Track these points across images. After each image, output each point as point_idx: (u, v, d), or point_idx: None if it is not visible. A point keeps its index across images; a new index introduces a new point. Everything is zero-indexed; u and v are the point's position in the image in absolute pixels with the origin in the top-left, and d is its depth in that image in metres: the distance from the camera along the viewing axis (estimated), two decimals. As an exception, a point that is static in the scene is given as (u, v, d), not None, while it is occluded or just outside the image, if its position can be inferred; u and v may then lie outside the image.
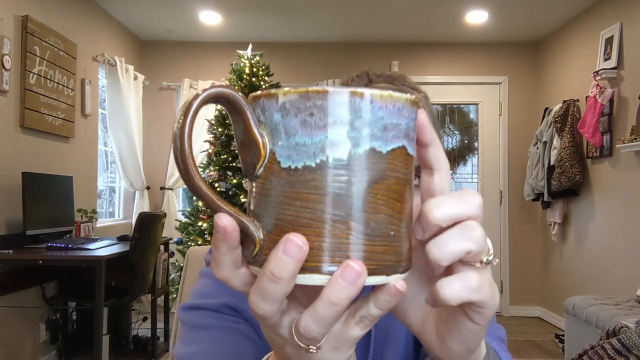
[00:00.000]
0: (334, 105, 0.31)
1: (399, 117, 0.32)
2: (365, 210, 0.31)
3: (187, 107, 0.32)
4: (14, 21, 3.35)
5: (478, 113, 5.50)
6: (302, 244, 0.30)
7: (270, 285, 0.31)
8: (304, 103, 0.31)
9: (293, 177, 0.31)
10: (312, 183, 0.31)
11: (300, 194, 0.31)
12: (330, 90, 0.31)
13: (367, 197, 0.31)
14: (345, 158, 0.31)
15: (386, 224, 0.32)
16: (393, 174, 0.32)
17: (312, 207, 0.31)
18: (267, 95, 0.32)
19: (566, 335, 3.63)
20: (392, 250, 0.32)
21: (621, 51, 3.96)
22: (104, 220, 4.87)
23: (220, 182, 4.02)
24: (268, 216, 0.32)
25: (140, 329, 4.01)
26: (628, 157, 3.82)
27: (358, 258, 0.31)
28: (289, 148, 0.31)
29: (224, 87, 0.33)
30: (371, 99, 0.31)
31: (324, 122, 0.31)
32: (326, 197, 0.31)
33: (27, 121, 3.44)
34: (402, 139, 0.32)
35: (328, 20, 4.91)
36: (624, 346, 2.18)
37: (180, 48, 5.43)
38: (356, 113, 0.31)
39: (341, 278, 0.30)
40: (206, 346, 0.65)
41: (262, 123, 0.33)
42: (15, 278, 3.27)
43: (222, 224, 0.31)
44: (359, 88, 0.31)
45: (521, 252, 5.39)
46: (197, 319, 0.69)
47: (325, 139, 0.31)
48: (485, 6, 4.52)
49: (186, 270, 1.13)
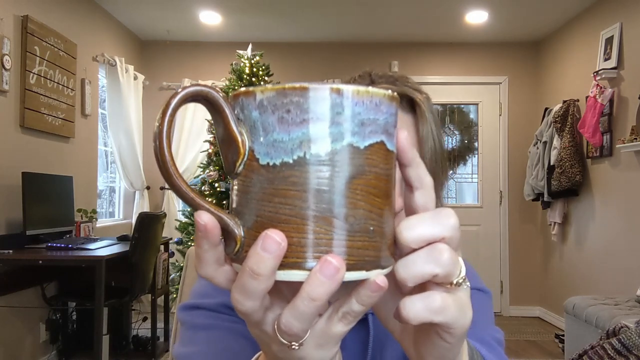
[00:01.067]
0: (310, 101, 0.31)
1: (376, 113, 0.32)
2: (344, 205, 0.31)
3: (165, 107, 0.32)
4: (14, 21, 3.35)
5: (478, 113, 5.50)
6: (280, 240, 0.30)
7: (251, 281, 0.31)
8: (281, 100, 0.31)
9: (271, 173, 0.31)
10: (290, 179, 0.31)
11: (279, 190, 0.31)
12: (306, 86, 0.31)
13: (346, 193, 0.31)
14: (323, 154, 0.31)
15: (365, 219, 0.32)
16: (372, 169, 0.32)
17: (291, 204, 0.31)
18: (246, 93, 0.33)
19: (566, 335, 3.63)
20: (372, 245, 0.32)
21: (621, 51, 3.96)
22: (104, 220, 4.87)
23: (220, 182, 4.02)
24: (248, 213, 0.32)
25: (140, 329, 4.01)
26: (628, 157, 3.82)
27: (338, 254, 0.31)
28: (267, 145, 0.32)
29: (201, 86, 0.33)
30: (347, 95, 0.31)
31: (301, 118, 0.31)
32: (304, 193, 0.31)
33: (27, 121, 3.44)
34: (380, 134, 0.32)
35: (328, 20, 4.91)
36: (624, 346, 2.18)
37: (180, 48, 5.43)
38: (333, 109, 0.31)
39: (320, 273, 0.30)
40: (205, 346, 0.66)
41: (241, 121, 0.33)
42: (15, 278, 3.27)
43: (202, 222, 0.32)
44: (335, 84, 0.31)
45: (521, 252, 5.39)
46: (196, 318, 0.69)
47: (302, 135, 0.31)
48: (485, 6, 4.52)
49: (186, 270, 1.13)
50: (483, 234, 5.39)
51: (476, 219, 5.37)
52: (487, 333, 0.68)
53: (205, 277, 0.35)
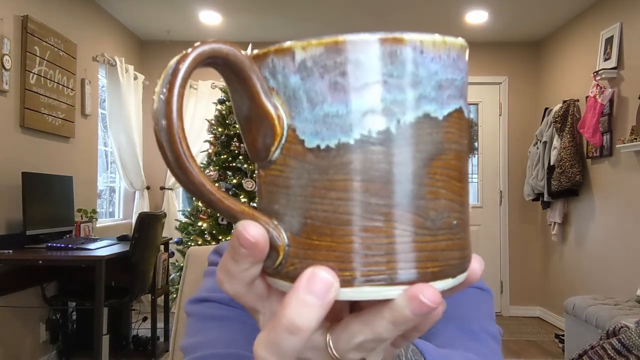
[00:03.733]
0: (374, 58, 0.23)
1: (454, 71, 0.25)
2: (423, 197, 0.24)
3: (174, 73, 0.24)
4: (14, 21, 3.35)
5: (478, 113, 5.50)
6: (333, 279, 0.23)
7: (288, 338, 0.24)
8: (333, 58, 0.24)
9: (324, 160, 0.24)
10: (351, 166, 0.24)
11: (336, 182, 0.24)
12: (368, 38, 0.23)
13: (424, 180, 0.24)
14: (394, 130, 0.24)
15: (448, 212, 0.25)
16: (451, 145, 0.25)
17: (355, 198, 0.24)
18: (279, 51, 0.25)
19: (566, 335, 3.63)
20: (456, 244, 0.26)
21: (621, 51, 3.96)
22: (104, 220, 4.87)
23: (220, 182, 4.02)
24: (292, 214, 0.25)
25: (140, 329, 4.00)
26: (628, 157, 3.82)
27: (419, 260, 0.24)
28: (316, 121, 0.24)
29: (220, 43, 0.25)
30: (422, 48, 0.24)
31: (362, 81, 0.23)
32: (372, 183, 0.24)
33: (27, 121, 3.44)
34: (459, 99, 0.26)
35: (328, 20, 4.91)
36: (624, 346, 2.18)
37: (180, 48, 5.30)
38: (404, 68, 0.24)
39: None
40: (216, 335, 0.62)
41: (274, 90, 0.25)
42: (15, 278, 3.27)
43: (251, 238, 0.24)
44: (404, 33, 0.24)
45: (521, 252, 5.39)
46: (207, 310, 0.65)
47: (364, 106, 0.23)
48: (485, 6, 4.52)
49: (186, 270, 1.13)
50: (483, 234, 5.39)
51: (476, 219, 5.37)
52: (479, 326, 0.66)
53: (231, 294, 0.28)
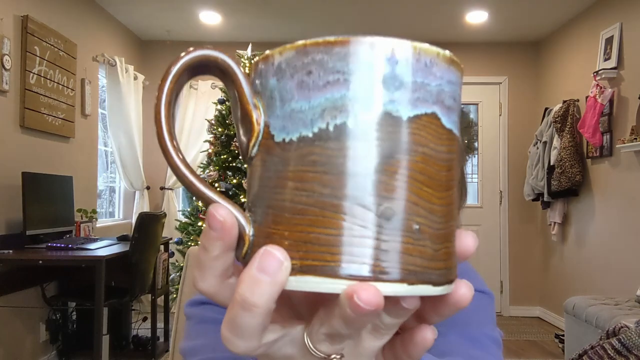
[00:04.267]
0: (336, 58, 0.25)
1: (425, 75, 0.25)
2: (377, 193, 0.24)
3: (164, 77, 0.27)
4: (14, 21, 3.35)
5: (478, 113, 5.50)
6: (282, 258, 0.24)
7: (243, 315, 0.24)
8: (302, 60, 0.25)
9: (287, 152, 0.25)
10: (309, 158, 0.25)
11: (295, 172, 0.25)
12: (331, 40, 0.25)
13: (380, 176, 0.24)
14: (351, 125, 0.24)
15: (408, 214, 0.25)
16: (418, 148, 0.25)
17: (309, 189, 0.25)
18: (264, 58, 0.27)
19: (566, 335, 3.63)
20: (417, 250, 0.25)
21: (621, 51, 3.96)
22: (104, 220, 4.87)
23: (220, 182, 4.02)
24: (259, 204, 0.26)
25: (140, 329, 4.00)
26: (628, 157, 3.82)
27: (365, 256, 0.24)
28: (284, 117, 0.26)
29: (209, 49, 0.27)
30: (383, 50, 0.24)
31: (324, 80, 0.25)
32: (326, 175, 0.24)
33: (27, 121, 3.44)
34: (431, 105, 0.25)
35: (328, 20, 4.91)
36: (624, 346, 2.18)
37: (180, 48, 5.36)
38: (366, 67, 0.24)
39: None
40: (213, 339, 0.62)
41: (259, 93, 0.27)
42: (15, 278, 3.27)
43: (220, 217, 0.25)
44: (369, 37, 0.25)
45: (521, 252, 5.39)
46: (206, 313, 0.66)
47: (324, 102, 0.25)
48: (485, 6, 4.52)
49: (186, 270, 1.13)
50: (483, 234, 5.38)
51: (476, 219, 5.37)
52: (481, 332, 0.67)
53: (205, 293, 0.28)
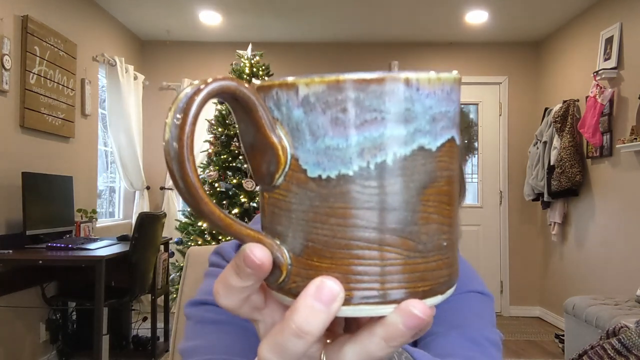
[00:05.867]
0: (372, 96, 0.25)
1: (448, 104, 0.26)
2: (415, 222, 0.26)
3: (188, 102, 0.25)
4: (14, 21, 3.35)
5: (478, 113, 5.50)
6: (339, 290, 0.25)
7: (295, 341, 0.26)
8: (335, 96, 0.25)
9: (325, 188, 0.26)
10: (350, 195, 0.25)
11: (336, 209, 0.26)
12: (367, 78, 0.25)
13: (417, 207, 0.26)
14: (390, 162, 0.25)
15: (438, 235, 0.27)
16: (443, 173, 0.27)
17: (353, 225, 0.25)
18: (284, 85, 0.27)
19: (566, 335, 3.63)
20: (445, 263, 0.27)
21: (621, 51, 3.96)
22: (104, 220, 4.87)
23: (220, 182, 4.01)
24: (294, 236, 0.27)
25: (140, 329, 4.00)
26: (628, 157, 3.82)
27: (411, 280, 0.26)
28: (317, 153, 0.26)
29: (228, 80, 0.27)
30: (418, 86, 0.25)
31: (362, 119, 0.25)
32: (368, 211, 0.25)
33: (27, 121, 3.44)
34: (451, 129, 0.27)
35: (328, 20, 4.91)
36: (624, 346, 2.18)
37: (180, 48, 5.43)
38: (400, 105, 0.25)
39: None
40: (213, 339, 0.62)
41: (278, 120, 0.27)
42: (15, 278, 3.27)
43: (257, 260, 0.26)
44: (401, 73, 0.25)
45: (521, 252, 5.39)
46: (205, 313, 0.66)
47: (364, 141, 0.25)
48: (485, 6, 4.52)
49: (186, 270, 1.13)
50: (483, 234, 5.39)
51: (476, 219, 5.37)
52: (480, 333, 0.66)
53: (227, 308, 0.29)
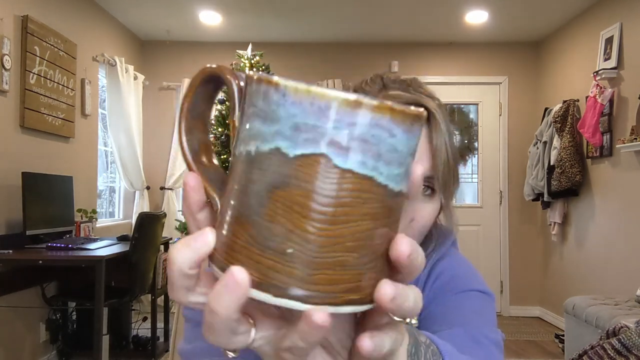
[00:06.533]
0: (255, 94, 0.29)
1: (318, 118, 0.27)
2: (259, 215, 0.28)
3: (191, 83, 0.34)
4: (14, 21, 3.35)
5: (478, 113, 5.50)
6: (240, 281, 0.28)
7: (211, 318, 0.29)
8: (251, 89, 0.30)
9: (235, 164, 0.31)
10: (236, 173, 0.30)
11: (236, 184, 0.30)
12: (255, 77, 0.29)
13: (264, 202, 0.28)
14: (253, 153, 0.29)
15: (282, 238, 0.28)
16: (301, 183, 0.28)
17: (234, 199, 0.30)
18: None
19: (566, 335, 3.63)
20: (285, 270, 0.28)
21: (621, 51, 3.96)
22: (104, 220, 4.87)
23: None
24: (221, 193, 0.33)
25: (140, 329, 4.00)
26: (628, 157, 3.82)
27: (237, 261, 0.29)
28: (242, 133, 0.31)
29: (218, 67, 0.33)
30: (284, 92, 0.28)
31: (250, 112, 0.30)
32: (239, 192, 0.29)
33: (27, 121, 3.44)
34: (319, 145, 0.27)
35: (328, 20, 4.91)
36: (624, 346, 2.18)
37: (180, 48, 5.43)
38: (269, 105, 0.28)
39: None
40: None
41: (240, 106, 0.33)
42: (15, 278, 3.27)
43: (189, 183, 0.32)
44: (277, 77, 0.28)
45: (521, 252, 5.39)
46: None
47: (248, 129, 0.29)
48: (485, 6, 4.52)
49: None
50: (483, 234, 5.39)
51: (476, 219, 5.37)
52: (481, 333, 0.66)
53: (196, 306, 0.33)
